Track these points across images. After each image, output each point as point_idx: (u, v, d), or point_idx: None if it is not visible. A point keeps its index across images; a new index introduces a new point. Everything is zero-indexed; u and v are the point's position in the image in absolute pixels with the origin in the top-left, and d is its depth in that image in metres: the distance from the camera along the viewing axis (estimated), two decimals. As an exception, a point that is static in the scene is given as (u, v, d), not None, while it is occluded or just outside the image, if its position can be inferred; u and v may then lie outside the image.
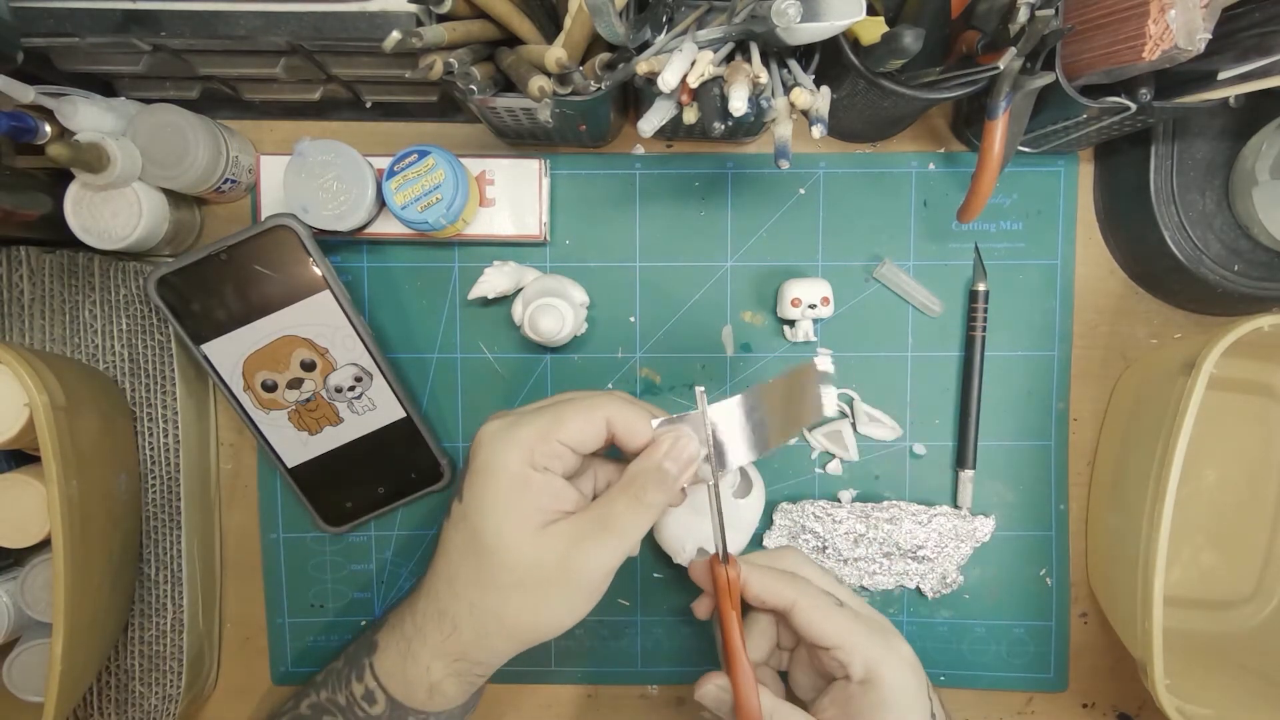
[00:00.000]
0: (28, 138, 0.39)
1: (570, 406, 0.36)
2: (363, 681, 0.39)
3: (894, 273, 0.49)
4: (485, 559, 0.36)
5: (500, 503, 0.35)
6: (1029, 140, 0.47)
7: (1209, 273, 0.45)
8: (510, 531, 0.35)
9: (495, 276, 0.46)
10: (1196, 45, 0.33)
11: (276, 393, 0.45)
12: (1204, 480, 0.50)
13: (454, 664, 0.38)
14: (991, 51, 0.37)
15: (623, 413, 0.36)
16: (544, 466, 0.36)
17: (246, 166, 0.47)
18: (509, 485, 0.35)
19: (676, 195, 0.49)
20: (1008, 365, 0.50)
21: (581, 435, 0.36)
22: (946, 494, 0.50)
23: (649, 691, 0.51)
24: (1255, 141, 0.43)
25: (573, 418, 0.36)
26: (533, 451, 0.35)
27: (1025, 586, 0.50)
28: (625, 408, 0.37)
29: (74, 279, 0.44)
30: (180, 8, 0.36)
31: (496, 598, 0.36)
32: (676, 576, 0.50)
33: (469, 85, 0.36)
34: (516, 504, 0.35)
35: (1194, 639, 0.48)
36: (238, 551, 0.51)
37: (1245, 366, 0.49)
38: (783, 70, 0.37)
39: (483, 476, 0.36)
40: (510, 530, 0.35)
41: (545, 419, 0.36)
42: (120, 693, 0.46)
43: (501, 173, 0.46)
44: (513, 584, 0.35)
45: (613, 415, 0.36)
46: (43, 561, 0.42)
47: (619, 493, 0.36)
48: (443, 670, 0.38)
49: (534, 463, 0.35)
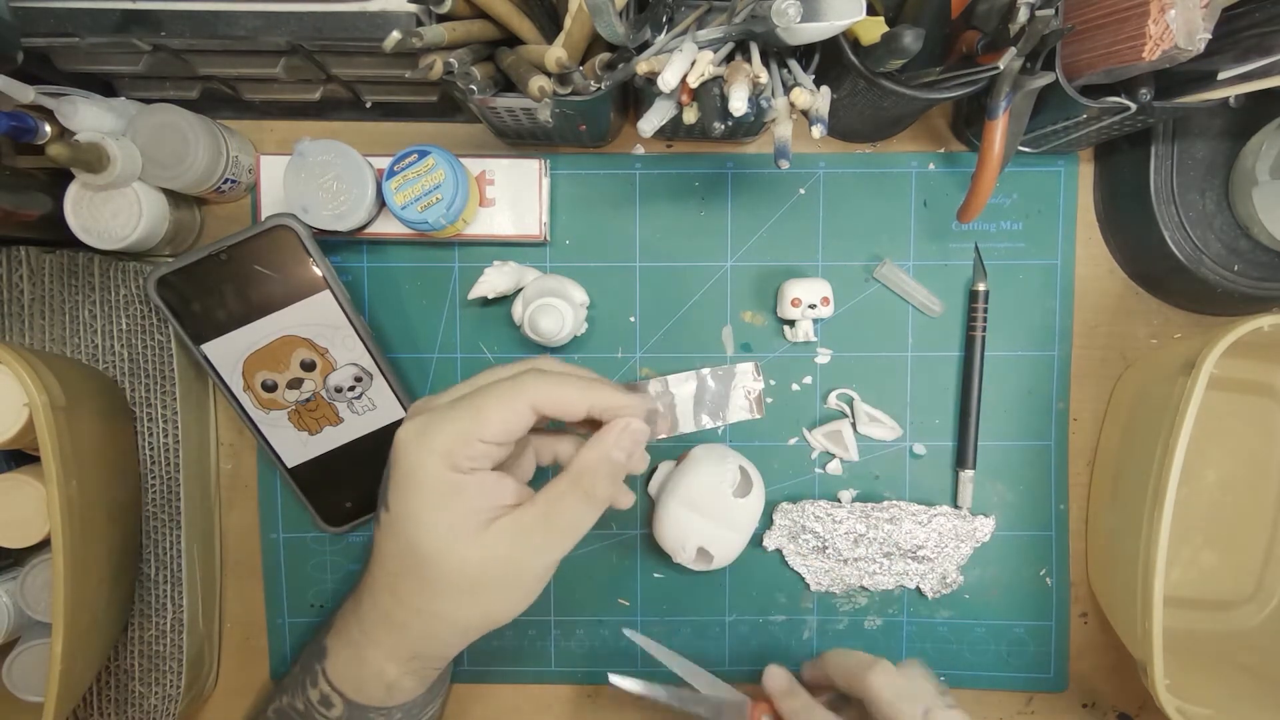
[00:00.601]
0: (28, 138, 0.39)
1: (490, 398, 0.33)
2: (317, 687, 0.39)
3: (894, 273, 0.49)
4: (426, 568, 0.34)
5: (431, 513, 0.33)
6: (1029, 140, 0.47)
7: (1209, 273, 0.45)
8: (448, 541, 0.33)
9: (495, 276, 0.46)
10: (1196, 45, 0.33)
11: (276, 393, 0.45)
12: (1204, 480, 0.50)
13: (409, 663, 0.37)
14: (991, 51, 0.37)
15: (549, 393, 0.34)
16: (470, 468, 0.34)
17: (246, 166, 0.47)
18: (437, 494, 0.33)
19: (676, 195, 0.49)
20: (1008, 365, 0.50)
21: (505, 428, 0.33)
22: (946, 494, 0.50)
23: (649, 691, 0.51)
24: (1255, 141, 0.43)
25: (493, 411, 0.33)
26: (454, 455, 0.33)
27: (1025, 586, 0.50)
28: (550, 386, 0.34)
29: (74, 279, 0.44)
30: (180, 8, 0.36)
31: (444, 602, 0.35)
32: (677, 576, 0.50)
33: (469, 85, 0.36)
34: (448, 512, 0.33)
35: (1194, 639, 0.48)
36: (238, 551, 0.51)
37: (1245, 366, 0.49)
38: (783, 70, 0.37)
39: (408, 487, 0.34)
40: (447, 540, 0.33)
41: (464, 417, 0.33)
42: (120, 693, 0.46)
43: (501, 173, 0.46)
44: (460, 588, 0.34)
45: (538, 399, 0.33)
46: (43, 561, 0.42)
47: (567, 488, 0.34)
48: (398, 670, 0.37)
49: (458, 466, 0.33)
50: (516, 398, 0.33)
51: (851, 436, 0.49)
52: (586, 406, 0.34)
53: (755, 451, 0.50)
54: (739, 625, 0.50)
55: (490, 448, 0.34)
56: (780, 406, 0.50)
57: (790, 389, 0.50)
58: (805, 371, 0.50)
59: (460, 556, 0.34)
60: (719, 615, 0.50)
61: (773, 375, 0.50)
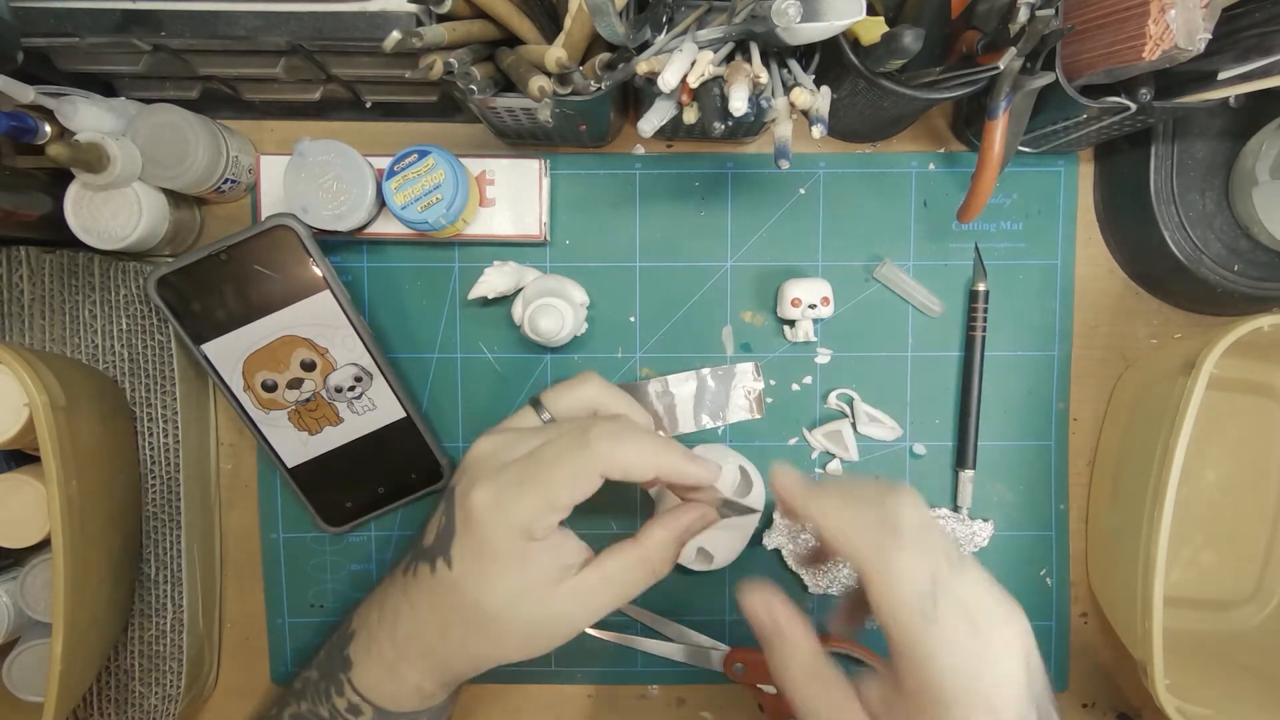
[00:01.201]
0: (28, 138, 0.39)
1: (563, 469, 0.34)
2: (344, 696, 0.39)
3: (894, 273, 0.49)
4: (488, 625, 0.36)
5: (502, 579, 0.35)
6: (1029, 140, 0.47)
7: (1209, 273, 0.45)
8: (517, 604, 0.35)
9: (495, 276, 0.46)
10: (1196, 45, 0.33)
11: (276, 393, 0.45)
12: (1204, 480, 0.50)
13: (449, 685, 0.39)
14: (991, 51, 0.37)
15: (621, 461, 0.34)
16: (545, 536, 0.35)
17: (246, 166, 0.47)
18: (511, 561, 0.35)
19: (676, 195, 0.49)
20: (1008, 365, 0.50)
21: (577, 498, 0.34)
22: (946, 494, 0.50)
23: (649, 691, 0.51)
24: (1255, 141, 0.43)
25: (566, 486, 0.34)
26: (532, 528, 0.34)
27: (1025, 586, 0.50)
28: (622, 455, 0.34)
29: (74, 279, 0.44)
30: (180, 8, 0.36)
31: (496, 649, 0.37)
32: (677, 576, 0.50)
33: (469, 85, 0.36)
34: (521, 578, 0.35)
35: (1194, 639, 0.48)
36: (238, 551, 0.51)
37: (1245, 366, 0.49)
38: (783, 70, 0.37)
39: (482, 555, 0.35)
40: (516, 603, 0.35)
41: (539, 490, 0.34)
42: (120, 693, 0.46)
43: (501, 173, 0.46)
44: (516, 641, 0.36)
45: (610, 468, 0.34)
46: (43, 561, 0.42)
47: (636, 563, 0.36)
48: (433, 686, 0.39)
49: (534, 536, 0.34)
50: (590, 467, 0.34)
51: (851, 436, 0.49)
52: (654, 474, 0.35)
53: (755, 451, 0.50)
54: (740, 625, 0.50)
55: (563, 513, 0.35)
56: (780, 406, 0.50)
57: (790, 389, 0.50)
58: (805, 371, 0.50)
59: (526, 617, 0.35)
60: (719, 615, 0.50)
61: (773, 375, 0.50)
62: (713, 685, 0.51)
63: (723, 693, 0.51)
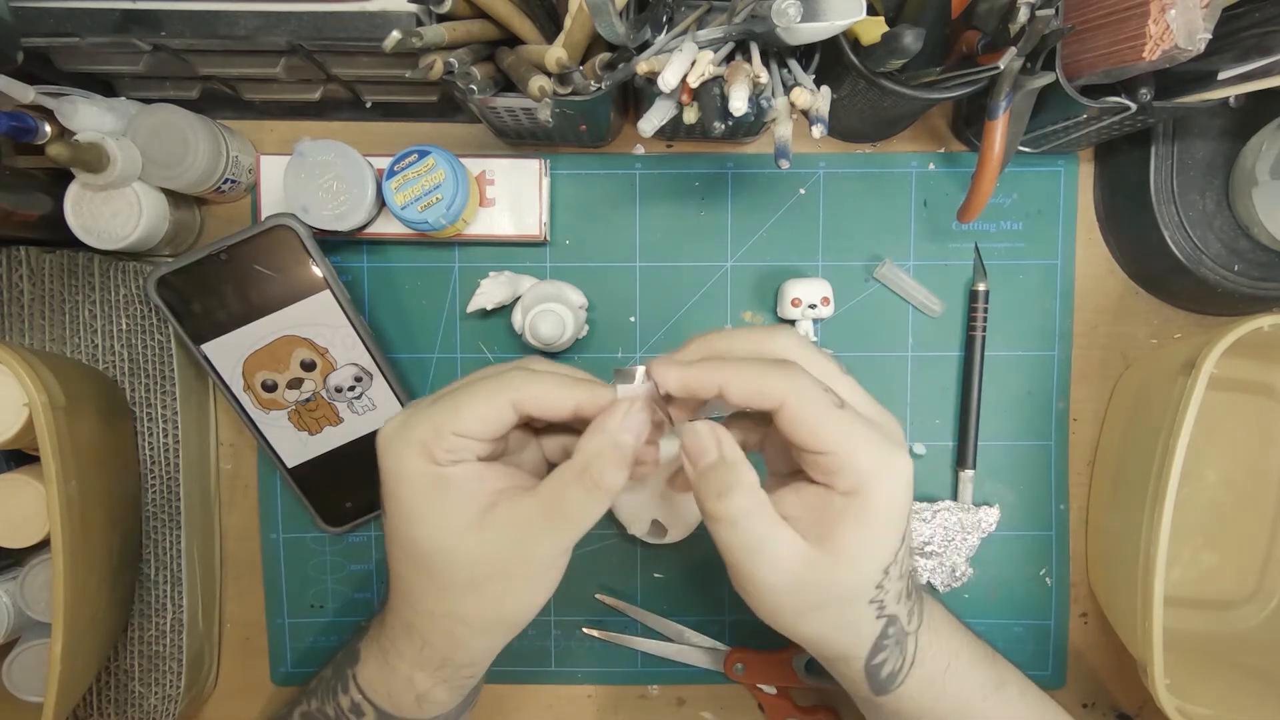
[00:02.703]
0: (28, 138, 0.39)
1: (468, 393, 0.32)
2: (348, 694, 0.38)
3: (894, 273, 0.49)
4: (427, 567, 0.33)
5: (419, 508, 0.32)
6: (1029, 140, 0.47)
7: (1209, 273, 0.45)
8: (442, 534, 0.32)
9: (492, 288, 0.46)
10: (1196, 45, 0.33)
11: (276, 393, 0.45)
12: (1204, 480, 0.50)
13: (438, 672, 0.36)
14: (991, 51, 0.37)
15: (531, 390, 0.32)
16: (448, 460, 0.32)
17: (246, 166, 0.47)
18: (422, 488, 0.32)
19: (676, 195, 0.49)
20: (1008, 365, 0.50)
21: (483, 424, 0.32)
22: (947, 494, 0.50)
23: (649, 691, 0.51)
24: (1255, 141, 0.43)
25: (470, 407, 0.32)
26: (431, 448, 0.32)
27: (1025, 586, 0.50)
28: (533, 383, 0.32)
29: (74, 279, 0.44)
30: (180, 8, 0.36)
31: (452, 601, 0.33)
32: (677, 576, 0.50)
33: (469, 85, 0.36)
34: (437, 505, 0.32)
35: (1194, 639, 0.48)
36: (238, 551, 0.51)
37: (1245, 366, 0.49)
38: (783, 70, 0.37)
39: (392, 486, 0.33)
40: (441, 533, 0.32)
41: (440, 412, 0.32)
42: (120, 693, 0.46)
43: (501, 173, 0.46)
44: (464, 583, 0.33)
45: (519, 396, 0.32)
46: (43, 561, 0.42)
47: (572, 478, 0.32)
48: (428, 680, 0.36)
49: (435, 459, 0.32)
50: (497, 394, 0.32)
51: (851, 436, 0.49)
52: (572, 404, 0.33)
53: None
54: (739, 625, 0.50)
55: (468, 442, 0.32)
56: (780, 406, 0.50)
57: (790, 389, 0.50)
58: (805, 371, 0.50)
59: (458, 550, 0.32)
60: (719, 615, 0.50)
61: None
62: (713, 685, 0.51)
63: (723, 693, 0.51)
